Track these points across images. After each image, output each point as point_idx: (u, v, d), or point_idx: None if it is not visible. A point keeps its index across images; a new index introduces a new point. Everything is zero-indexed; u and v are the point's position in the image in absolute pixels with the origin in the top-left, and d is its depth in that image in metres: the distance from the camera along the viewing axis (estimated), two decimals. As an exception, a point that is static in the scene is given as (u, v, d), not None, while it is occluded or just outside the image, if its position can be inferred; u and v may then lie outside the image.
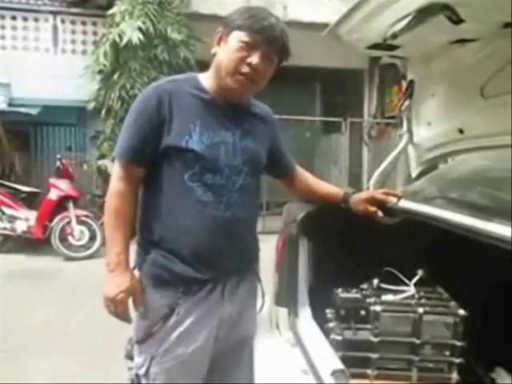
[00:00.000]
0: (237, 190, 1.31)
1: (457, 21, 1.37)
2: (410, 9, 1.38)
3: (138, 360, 1.33)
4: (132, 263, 1.34)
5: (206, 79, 1.34)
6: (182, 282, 1.28)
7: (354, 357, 1.58)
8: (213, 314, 1.31)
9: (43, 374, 2.63)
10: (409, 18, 1.41)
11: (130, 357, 1.34)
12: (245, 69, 1.25)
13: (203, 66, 1.40)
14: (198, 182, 1.26)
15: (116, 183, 1.31)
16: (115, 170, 1.33)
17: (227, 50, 1.26)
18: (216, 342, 1.34)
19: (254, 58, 1.24)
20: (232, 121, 1.33)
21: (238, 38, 1.25)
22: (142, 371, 1.31)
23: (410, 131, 2.03)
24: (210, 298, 1.31)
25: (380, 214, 1.59)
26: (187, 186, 1.26)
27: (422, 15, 1.37)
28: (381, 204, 1.61)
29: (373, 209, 1.59)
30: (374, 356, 1.57)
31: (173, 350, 1.29)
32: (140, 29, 6.06)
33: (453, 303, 1.60)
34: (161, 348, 1.29)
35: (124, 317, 1.31)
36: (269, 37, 1.25)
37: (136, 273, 1.33)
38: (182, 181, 1.26)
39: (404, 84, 2.00)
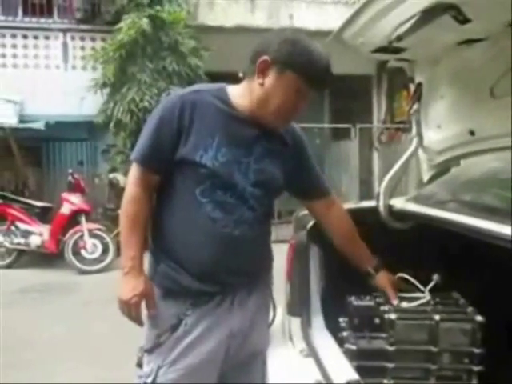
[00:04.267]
0: (247, 209, 1.29)
1: (463, 20, 1.34)
2: (415, 10, 1.36)
3: (146, 369, 1.33)
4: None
5: (238, 96, 1.30)
6: (191, 294, 1.28)
7: (369, 366, 1.54)
8: (221, 326, 1.30)
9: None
10: (414, 20, 1.40)
11: (140, 365, 1.35)
12: (294, 113, 1.29)
13: (211, 76, 1.38)
14: (209, 197, 1.25)
15: (132, 188, 1.30)
16: (131, 174, 1.32)
17: (280, 91, 1.24)
18: (227, 355, 1.32)
19: (304, 103, 1.28)
20: (253, 140, 1.30)
21: (293, 82, 1.23)
22: (149, 380, 1.31)
23: (419, 135, 1.99)
24: (218, 309, 1.30)
25: (395, 302, 1.55)
26: (198, 201, 1.25)
27: (427, 16, 1.35)
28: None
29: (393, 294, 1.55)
30: (390, 365, 1.53)
31: (179, 360, 1.28)
32: (143, 30, 6.15)
33: (470, 309, 1.56)
34: (167, 358, 1.28)
35: (137, 319, 1.30)
36: (323, 82, 1.28)
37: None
38: (193, 195, 1.26)
39: (412, 87, 1.97)
